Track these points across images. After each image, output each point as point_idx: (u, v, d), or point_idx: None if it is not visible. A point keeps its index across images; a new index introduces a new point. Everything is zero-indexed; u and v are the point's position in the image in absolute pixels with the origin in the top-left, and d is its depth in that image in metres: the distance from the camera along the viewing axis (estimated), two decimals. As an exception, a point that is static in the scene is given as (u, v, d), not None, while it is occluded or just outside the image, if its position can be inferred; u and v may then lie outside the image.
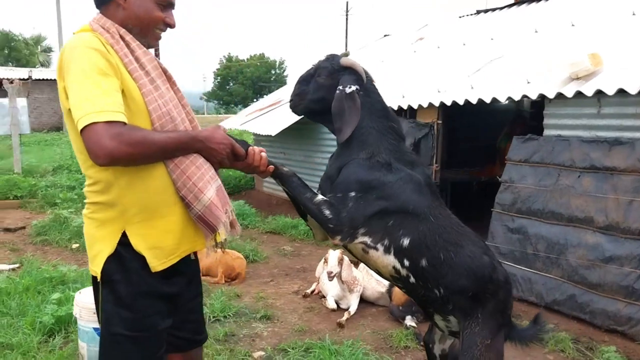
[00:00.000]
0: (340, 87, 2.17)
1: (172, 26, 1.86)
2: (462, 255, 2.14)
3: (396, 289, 4.40)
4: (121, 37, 1.72)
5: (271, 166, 2.02)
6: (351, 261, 4.64)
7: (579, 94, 4.48)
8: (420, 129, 6.26)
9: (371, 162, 2.10)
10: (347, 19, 37.71)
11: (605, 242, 4.22)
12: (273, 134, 7.74)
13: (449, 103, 5.75)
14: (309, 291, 4.96)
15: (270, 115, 8.96)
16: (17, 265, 5.50)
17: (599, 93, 4.34)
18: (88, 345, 3.16)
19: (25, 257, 5.71)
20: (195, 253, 1.92)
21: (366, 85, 2.24)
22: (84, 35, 1.69)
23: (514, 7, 8.86)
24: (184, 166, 1.74)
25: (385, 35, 12.11)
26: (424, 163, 5.94)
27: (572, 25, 6.33)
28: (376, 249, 2.10)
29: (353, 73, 2.23)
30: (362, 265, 4.87)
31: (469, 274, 2.15)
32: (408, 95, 6.59)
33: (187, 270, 1.91)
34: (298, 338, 3.88)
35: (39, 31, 39.48)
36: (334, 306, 4.54)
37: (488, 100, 5.30)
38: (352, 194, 2.06)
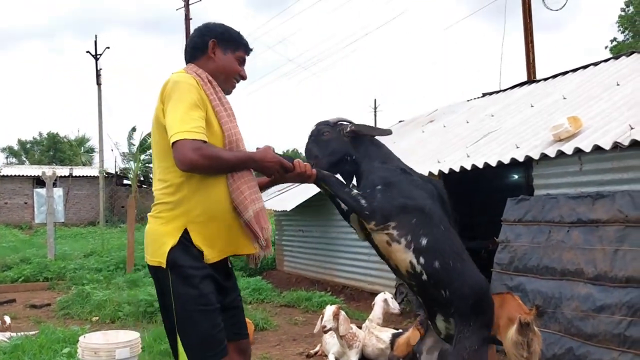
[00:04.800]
0: (339, 130, 2.68)
1: (244, 78, 2.43)
2: (466, 268, 2.51)
3: (400, 340, 4.49)
4: (209, 81, 2.27)
5: (314, 170, 2.43)
6: (351, 319, 4.78)
7: (561, 154, 4.76)
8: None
9: (387, 166, 2.56)
10: (375, 114, 39.22)
11: (596, 292, 4.29)
12: (288, 209, 8.10)
13: (446, 171, 6.06)
14: (312, 351, 5.07)
15: (288, 194, 9.38)
16: (35, 332, 5.77)
17: (579, 151, 4.61)
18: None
19: (45, 326, 5.98)
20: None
21: (355, 124, 2.74)
22: (185, 74, 2.24)
23: (516, 88, 9.34)
24: (239, 183, 2.22)
25: (400, 121, 12.70)
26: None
27: (564, 98, 6.70)
28: (399, 242, 2.45)
29: (344, 123, 2.72)
30: (364, 324, 5.00)
31: (471, 286, 2.50)
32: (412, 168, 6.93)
33: (231, 272, 2.41)
34: (293, 388, 3.99)
35: (83, 133, 41.78)
36: (334, 363, 4.64)
37: (481, 166, 5.59)
38: (379, 187, 2.47)
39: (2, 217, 25.20)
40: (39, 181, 23.69)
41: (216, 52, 2.33)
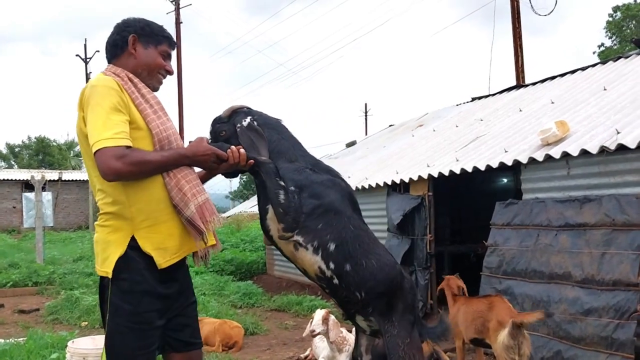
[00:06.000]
0: (238, 125, 2.44)
1: (170, 73, 2.33)
2: (380, 263, 2.41)
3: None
4: (129, 79, 2.16)
5: (251, 160, 2.30)
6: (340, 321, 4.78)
7: (549, 158, 4.80)
8: (410, 201, 6.55)
9: (295, 165, 2.39)
10: (366, 118, 39.15)
11: (584, 295, 4.33)
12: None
13: (436, 175, 6.09)
14: (302, 356, 5.07)
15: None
16: (23, 338, 5.72)
17: (567, 156, 4.65)
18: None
19: (33, 331, 5.93)
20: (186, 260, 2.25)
21: (253, 112, 2.54)
22: (103, 77, 2.13)
23: (505, 92, 9.42)
24: (177, 180, 2.12)
25: (390, 125, 12.76)
26: (419, 233, 6.19)
27: (552, 102, 6.75)
28: (306, 248, 2.34)
29: (239, 113, 2.50)
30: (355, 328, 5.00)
31: (386, 281, 2.41)
32: (401, 172, 6.97)
33: (180, 276, 2.24)
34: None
35: (72, 137, 41.46)
36: (324, 367, 4.64)
37: (469, 170, 5.63)
38: (292, 188, 2.32)
39: (-10, 222, 24.98)
40: (27, 185, 23.52)
41: (137, 47, 2.23)
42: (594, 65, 7.73)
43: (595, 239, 4.33)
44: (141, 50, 2.23)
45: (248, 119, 2.45)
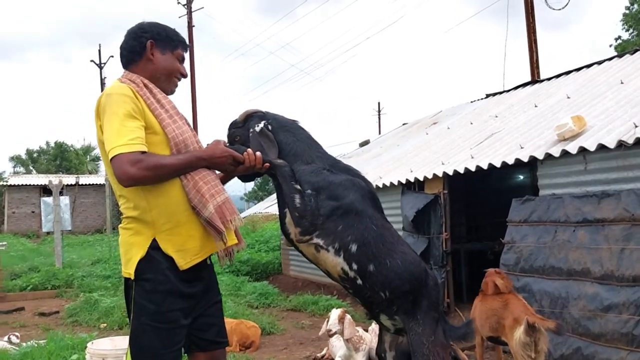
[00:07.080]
0: (251, 130, 2.45)
1: (185, 76, 2.36)
2: (404, 261, 2.38)
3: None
4: (145, 85, 2.18)
5: (267, 164, 2.33)
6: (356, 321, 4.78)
7: (565, 153, 4.75)
8: (424, 199, 6.51)
9: (312, 167, 2.38)
10: (379, 117, 38.97)
11: (603, 292, 4.27)
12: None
13: (450, 172, 6.06)
14: (319, 355, 5.07)
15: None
16: (44, 340, 5.80)
17: (584, 151, 4.60)
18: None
19: (53, 333, 6.01)
20: (210, 259, 2.27)
21: (268, 115, 2.52)
22: (119, 84, 2.16)
23: (520, 88, 9.34)
24: (194, 182, 2.13)
25: (403, 124, 12.72)
26: (434, 231, 6.16)
27: (568, 97, 6.68)
28: (327, 250, 2.33)
29: (254, 117, 2.50)
30: (371, 327, 4.99)
31: (411, 279, 2.38)
32: (416, 170, 6.94)
33: (204, 275, 2.25)
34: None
35: (89, 142, 41.87)
36: (341, 366, 4.63)
37: (485, 167, 5.59)
38: (309, 191, 2.32)
39: (10, 226, 25.37)
40: (45, 190, 23.83)
41: (154, 53, 2.25)
42: (610, 59, 7.63)
43: (614, 234, 4.27)
44: (159, 55, 2.26)
45: (261, 124, 2.45)
